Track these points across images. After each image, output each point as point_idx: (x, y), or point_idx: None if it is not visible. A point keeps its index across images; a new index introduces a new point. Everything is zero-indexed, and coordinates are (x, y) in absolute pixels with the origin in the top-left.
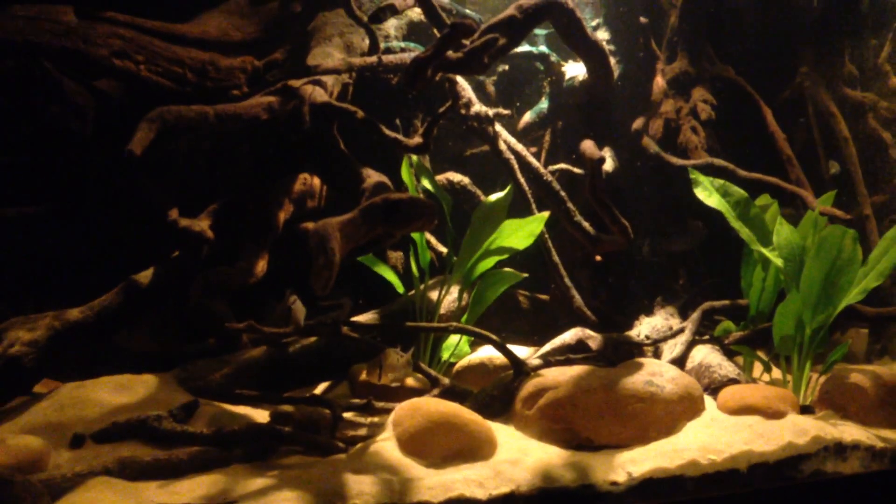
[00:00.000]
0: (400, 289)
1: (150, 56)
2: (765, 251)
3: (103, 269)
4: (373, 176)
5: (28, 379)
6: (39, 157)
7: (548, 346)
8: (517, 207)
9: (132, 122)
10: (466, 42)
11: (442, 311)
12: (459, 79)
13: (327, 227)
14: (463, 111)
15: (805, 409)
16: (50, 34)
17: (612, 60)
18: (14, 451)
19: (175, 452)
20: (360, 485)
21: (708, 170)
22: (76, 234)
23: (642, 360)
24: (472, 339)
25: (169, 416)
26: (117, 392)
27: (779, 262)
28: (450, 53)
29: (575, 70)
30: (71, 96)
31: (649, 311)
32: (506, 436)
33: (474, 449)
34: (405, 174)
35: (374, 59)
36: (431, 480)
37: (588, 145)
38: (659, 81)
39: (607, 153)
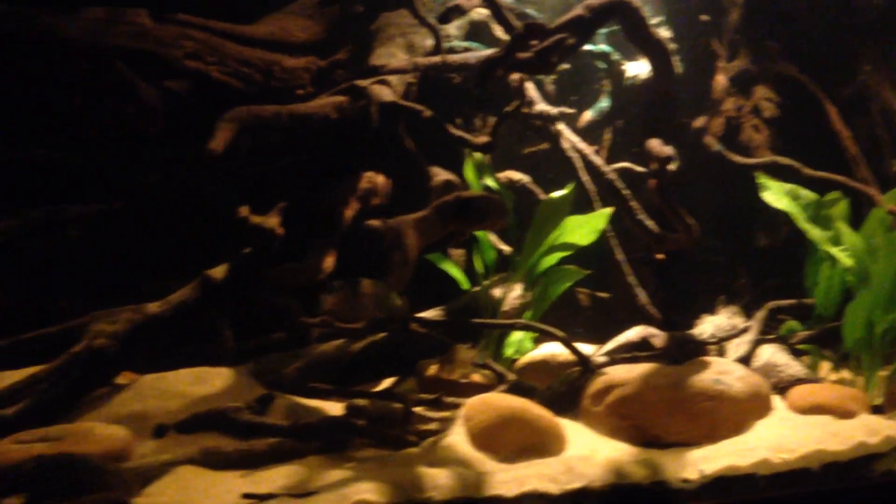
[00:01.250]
0: (465, 286)
1: (220, 57)
2: (834, 251)
3: (172, 265)
4: (441, 174)
5: (110, 370)
6: (111, 156)
7: (611, 344)
8: (580, 206)
9: (199, 122)
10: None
11: (505, 307)
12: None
13: (402, 225)
14: (526, 110)
15: (876, 409)
16: (126, 36)
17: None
18: (102, 440)
19: (254, 443)
20: (435, 478)
21: (772, 168)
22: (144, 232)
23: (709, 358)
24: (535, 335)
25: (247, 408)
26: (195, 384)
27: (848, 261)
28: (519, 53)
29: (636, 68)
30: (142, 96)
31: (712, 310)
32: (574, 432)
33: (545, 444)
34: (469, 173)
35: (438, 58)
36: (504, 475)
37: (655, 143)
38: (720, 79)
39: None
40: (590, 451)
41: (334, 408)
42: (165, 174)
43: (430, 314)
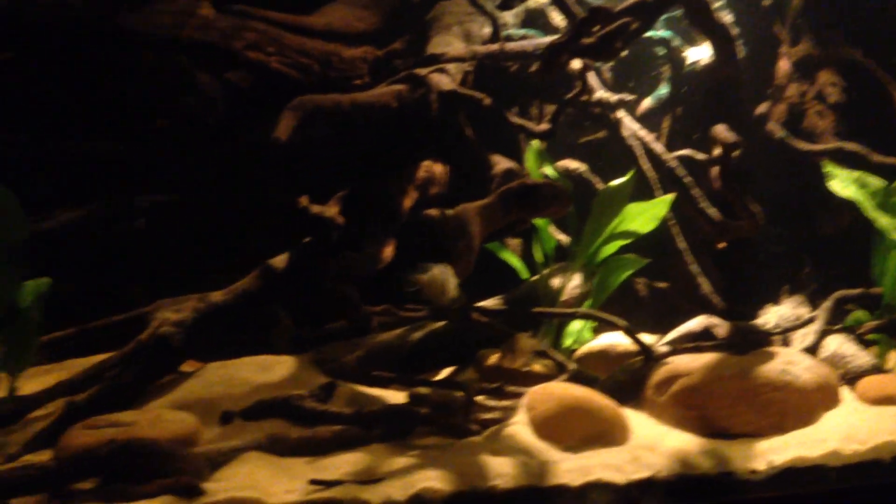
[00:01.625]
0: (524, 275)
1: (280, 48)
2: None
3: (233, 254)
4: (501, 162)
5: (176, 358)
6: (175, 147)
7: (673, 334)
8: (638, 195)
9: (259, 112)
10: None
11: (564, 297)
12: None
13: (466, 213)
14: (585, 97)
15: None
16: (191, 28)
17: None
18: (171, 426)
19: (319, 431)
20: (499, 466)
21: (838, 155)
22: (206, 222)
23: (775, 348)
24: (595, 325)
25: (310, 395)
26: (259, 371)
27: None
28: (583, 39)
29: (697, 54)
30: (203, 88)
31: (776, 300)
32: (638, 422)
33: (608, 434)
34: (530, 161)
35: (496, 46)
36: (568, 464)
37: (721, 129)
38: (783, 65)
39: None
40: (655, 441)
41: (396, 396)
42: (227, 164)
43: (489, 303)
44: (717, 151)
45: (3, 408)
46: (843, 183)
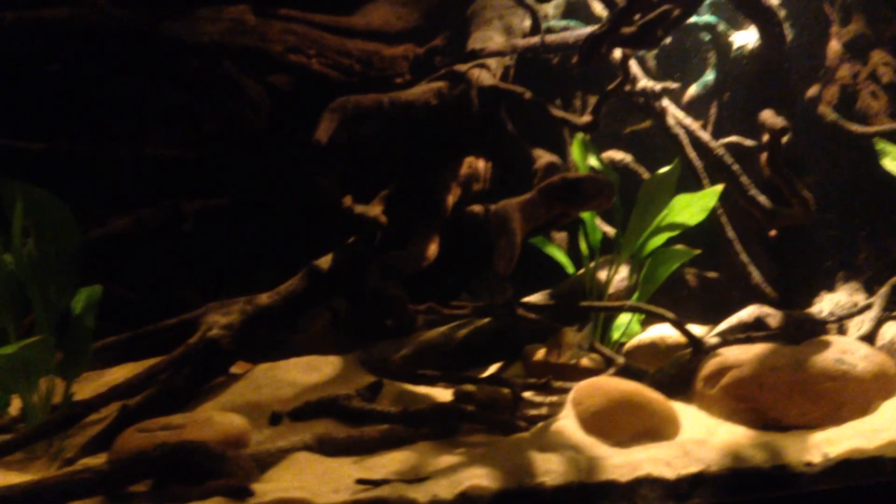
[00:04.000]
0: (570, 269)
1: (320, 49)
2: None
3: (278, 256)
4: (544, 156)
5: (225, 360)
6: (221, 152)
7: (724, 325)
8: (686, 183)
9: (302, 115)
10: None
11: (611, 290)
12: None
13: (508, 208)
14: (628, 87)
15: None
16: (232, 34)
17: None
18: (221, 428)
19: (366, 430)
20: (547, 462)
21: (893, 137)
22: (254, 224)
23: (830, 337)
24: (643, 318)
25: (357, 395)
26: (307, 372)
27: None
28: (624, 28)
29: (744, 38)
30: (247, 93)
31: (830, 287)
32: (687, 415)
33: (658, 428)
34: (576, 153)
35: (536, 39)
36: (617, 459)
37: (768, 114)
38: (833, 45)
39: None
40: (705, 435)
41: (442, 394)
42: (271, 167)
43: (534, 298)
44: (765, 137)
45: (59, 413)
46: None
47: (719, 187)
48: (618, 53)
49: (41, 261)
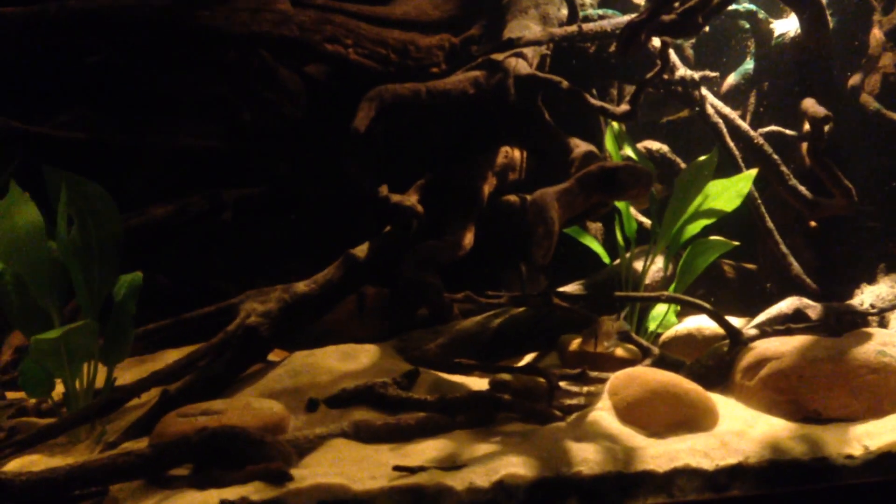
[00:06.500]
0: (606, 259)
1: (357, 39)
2: None
3: (311, 245)
4: (581, 146)
5: (263, 347)
6: (258, 142)
7: (762, 316)
8: (725, 174)
9: (337, 105)
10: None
11: (647, 281)
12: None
13: (545, 197)
14: (666, 76)
15: None
16: (270, 24)
17: None
18: (260, 414)
19: (403, 418)
20: (583, 452)
21: None
22: (291, 213)
23: (870, 329)
24: (679, 309)
25: (393, 383)
26: (343, 360)
27: None
28: (663, 16)
29: (785, 26)
30: (284, 83)
31: (871, 279)
32: (726, 407)
33: (695, 419)
34: (609, 143)
35: (574, 28)
36: (654, 450)
37: (810, 103)
38: (876, 33)
39: None
40: (744, 427)
41: (477, 383)
42: (307, 157)
43: (569, 288)
44: (807, 127)
45: (102, 398)
46: None
47: (753, 171)
48: (656, 42)
49: (84, 248)
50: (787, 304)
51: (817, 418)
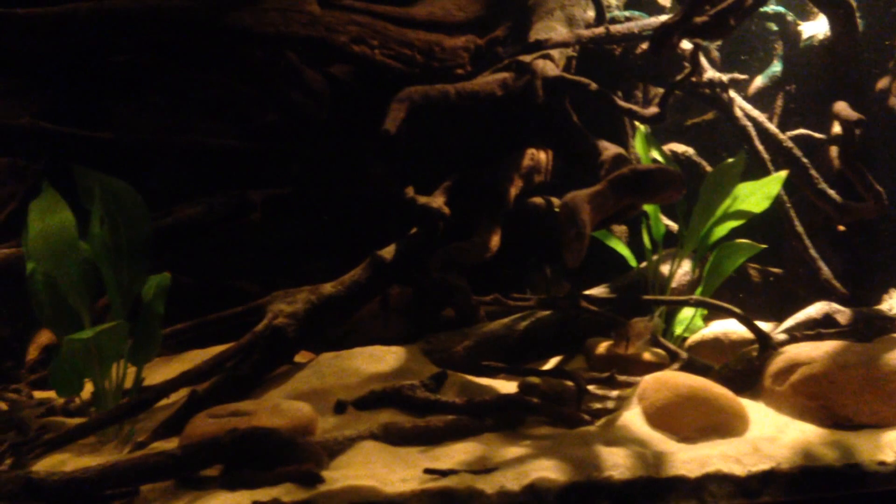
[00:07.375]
0: (632, 262)
1: (382, 40)
2: None
3: (337, 245)
4: (610, 148)
5: (290, 348)
6: (284, 142)
7: (791, 321)
8: (754, 176)
9: (362, 105)
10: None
11: (673, 284)
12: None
13: (577, 200)
14: (695, 78)
15: None
16: (298, 24)
17: None
18: (290, 415)
19: (431, 420)
20: (614, 456)
21: None
22: (321, 214)
23: None
24: (705, 313)
25: (421, 385)
26: (371, 362)
27: None
28: (696, 17)
29: (813, 28)
30: (309, 83)
31: None
32: (755, 412)
33: (726, 424)
34: (639, 145)
35: (601, 29)
36: (685, 455)
37: (842, 106)
38: None
39: None
40: (775, 432)
41: (504, 385)
42: (332, 157)
43: (595, 291)
44: (836, 129)
45: (132, 398)
46: None
47: (783, 173)
48: (684, 44)
49: (115, 248)
50: (816, 309)
51: (849, 424)
